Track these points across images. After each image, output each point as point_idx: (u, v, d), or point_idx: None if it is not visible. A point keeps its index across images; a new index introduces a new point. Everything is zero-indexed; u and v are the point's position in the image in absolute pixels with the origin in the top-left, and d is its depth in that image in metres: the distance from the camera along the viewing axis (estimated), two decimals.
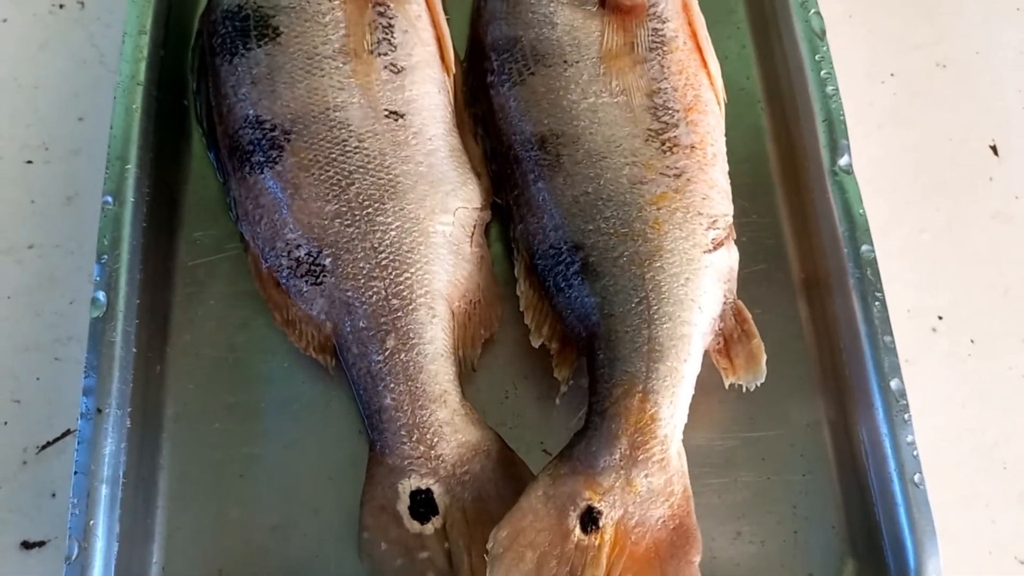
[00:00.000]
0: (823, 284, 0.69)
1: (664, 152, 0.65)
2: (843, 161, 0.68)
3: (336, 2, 0.68)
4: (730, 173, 0.68)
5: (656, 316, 0.60)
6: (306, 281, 0.63)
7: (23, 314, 0.69)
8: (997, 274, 0.74)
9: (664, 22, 0.69)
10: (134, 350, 0.62)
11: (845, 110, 0.70)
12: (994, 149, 0.78)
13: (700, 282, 0.62)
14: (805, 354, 0.68)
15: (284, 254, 0.64)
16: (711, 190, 0.65)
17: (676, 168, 0.65)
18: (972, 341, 0.71)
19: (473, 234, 0.67)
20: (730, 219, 0.66)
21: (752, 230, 0.71)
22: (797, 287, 0.70)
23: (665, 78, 0.67)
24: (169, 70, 0.71)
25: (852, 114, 0.70)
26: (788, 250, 0.71)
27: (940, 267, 0.74)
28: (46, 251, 0.71)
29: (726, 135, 0.69)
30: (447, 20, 0.73)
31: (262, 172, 0.65)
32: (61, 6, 0.79)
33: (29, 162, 0.74)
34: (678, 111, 0.66)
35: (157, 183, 0.67)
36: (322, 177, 0.64)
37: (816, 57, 0.71)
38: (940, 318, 0.72)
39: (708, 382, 0.62)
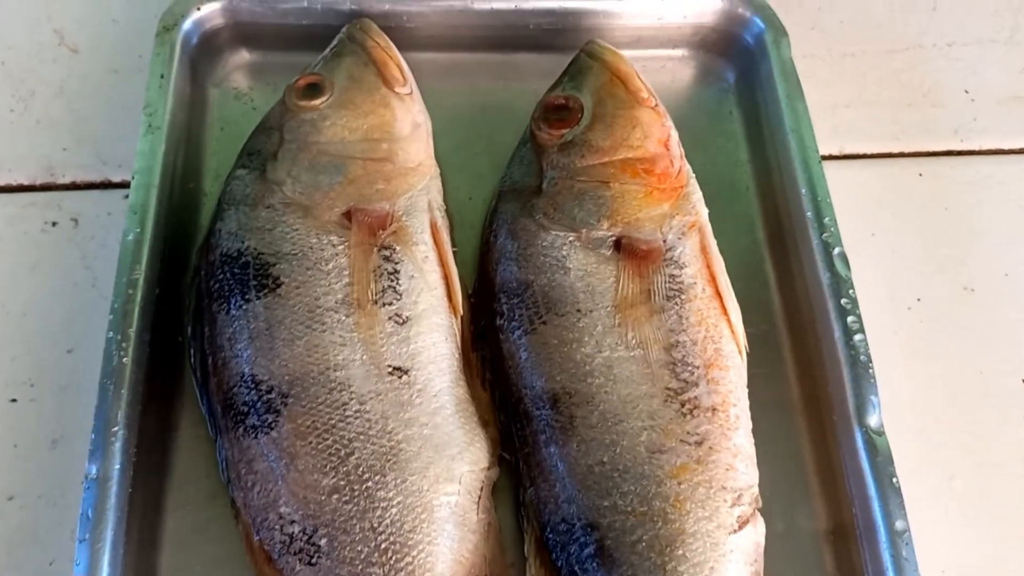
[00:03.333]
0: (851, 542, 0.64)
1: (684, 415, 0.61)
2: (873, 421, 0.64)
3: (340, 248, 0.65)
4: (751, 417, 0.64)
5: None
6: (300, 560, 0.59)
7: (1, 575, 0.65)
8: None
9: (682, 268, 0.66)
10: None
11: (869, 340, 0.66)
12: None
13: (726, 570, 0.58)
14: None
15: (277, 528, 0.60)
16: (735, 459, 0.61)
17: (697, 434, 0.61)
18: None
19: (480, 498, 0.62)
20: (755, 490, 0.62)
21: (775, 480, 0.67)
22: (822, 539, 0.66)
23: (684, 330, 0.64)
24: (164, 307, 0.68)
25: (877, 344, 0.67)
26: (815, 503, 0.68)
27: (972, 519, 0.70)
28: (28, 502, 0.67)
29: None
30: (454, 252, 0.70)
31: (256, 437, 0.61)
32: (54, 224, 0.76)
33: (13, 400, 0.70)
34: (698, 367, 0.63)
35: (145, 439, 0.63)
36: (320, 446, 0.60)
37: (842, 302, 0.68)
38: None
39: None
